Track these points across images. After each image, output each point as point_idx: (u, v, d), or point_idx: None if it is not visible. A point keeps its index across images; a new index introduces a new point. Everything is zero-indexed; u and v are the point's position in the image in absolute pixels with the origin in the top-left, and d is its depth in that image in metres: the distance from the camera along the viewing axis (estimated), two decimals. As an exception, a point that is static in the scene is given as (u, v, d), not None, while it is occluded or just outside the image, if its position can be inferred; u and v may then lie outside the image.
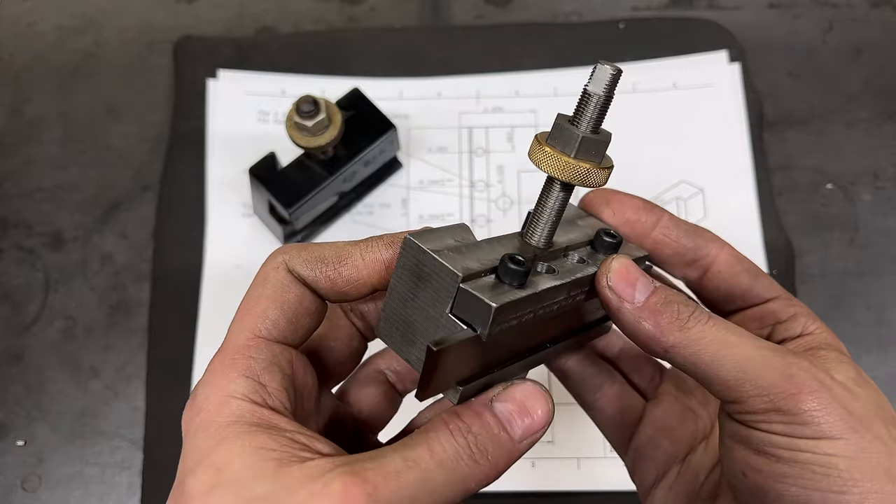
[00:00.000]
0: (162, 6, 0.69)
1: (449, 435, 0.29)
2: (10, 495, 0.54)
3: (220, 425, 0.28)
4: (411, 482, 0.28)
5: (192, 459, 0.28)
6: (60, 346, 0.58)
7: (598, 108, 0.31)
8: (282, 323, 0.31)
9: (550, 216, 0.33)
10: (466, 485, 0.29)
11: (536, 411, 0.30)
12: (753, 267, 0.38)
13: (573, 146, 0.31)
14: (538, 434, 0.30)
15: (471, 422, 0.30)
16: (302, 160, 0.57)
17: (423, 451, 0.29)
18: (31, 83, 0.66)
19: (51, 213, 0.62)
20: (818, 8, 0.68)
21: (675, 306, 0.32)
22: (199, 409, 0.29)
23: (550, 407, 0.31)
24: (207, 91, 0.65)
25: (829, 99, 0.65)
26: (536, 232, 0.33)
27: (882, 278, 0.59)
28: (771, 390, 0.30)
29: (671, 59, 0.65)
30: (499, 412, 0.30)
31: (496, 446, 0.29)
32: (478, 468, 0.29)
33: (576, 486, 0.54)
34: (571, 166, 0.31)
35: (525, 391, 0.31)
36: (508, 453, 0.30)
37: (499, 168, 0.63)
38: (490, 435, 0.29)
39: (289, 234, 0.59)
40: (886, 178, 0.62)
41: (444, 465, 0.28)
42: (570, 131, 0.31)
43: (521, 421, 0.30)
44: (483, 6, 0.69)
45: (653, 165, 0.62)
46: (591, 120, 0.31)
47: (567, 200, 0.33)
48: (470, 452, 0.29)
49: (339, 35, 0.68)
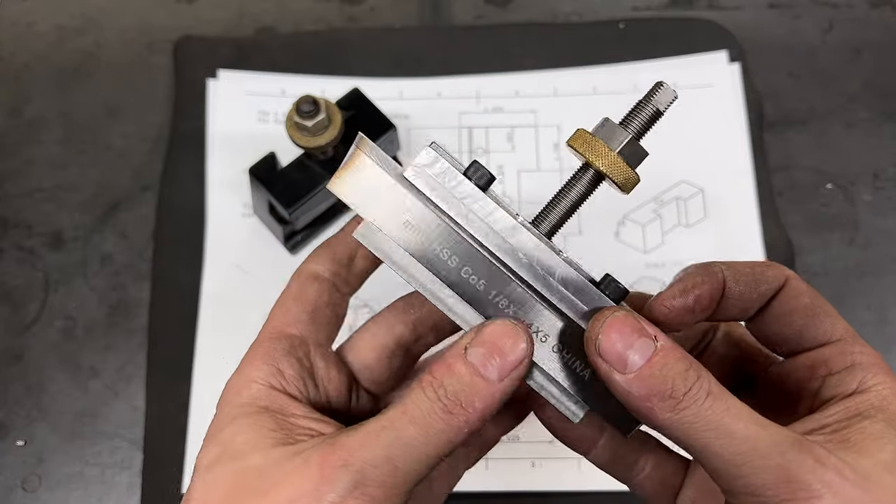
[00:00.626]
0: (162, 6, 0.69)
1: (421, 392, 0.30)
2: (10, 495, 0.54)
3: (234, 406, 0.32)
4: (385, 442, 0.29)
5: (207, 435, 0.32)
6: (60, 346, 0.58)
7: (649, 119, 0.33)
8: (303, 317, 0.35)
9: (567, 203, 0.34)
10: (446, 436, 0.30)
11: (510, 348, 0.30)
12: (814, 303, 0.34)
13: (620, 141, 0.33)
14: (517, 370, 0.30)
15: (441, 375, 0.30)
16: (302, 160, 0.57)
17: (397, 412, 0.30)
18: (31, 83, 0.66)
19: (51, 213, 0.62)
20: (818, 8, 0.68)
21: (670, 381, 0.29)
22: (225, 392, 0.33)
23: (524, 339, 0.30)
24: (207, 91, 0.65)
25: (829, 99, 0.65)
26: (548, 215, 0.34)
27: (882, 278, 0.59)
28: (763, 492, 0.28)
29: (671, 59, 0.65)
30: (471, 358, 0.30)
31: (469, 393, 0.30)
32: (453, 418, 0.29)
33: (576, 486, 0.54)
34: (612, 158, 0.32)
35: (495, 331, 0.30)
36: (487, 396, 0.30)
37: (499, 168, 0.63)
38: (462, 384, 0.30)
39: (289, 234, 0.59)
40: (886, 178, 0.62)
41: (418, 421, 0.29)
42: (620, 130, 0.33)
43: (495, 361, 0.30)
44: (483, 6, 0.69)
45: (653, 165, 0.62)
46: (640, 127, 0.33)
47: (589, 194, 0.34)
48: (442, 405, 0.30)
49: (339, 35, 0.68)
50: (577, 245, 0.59)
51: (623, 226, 0.61)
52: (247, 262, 0.60)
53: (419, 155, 0.31)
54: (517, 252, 0.32)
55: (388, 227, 0.31)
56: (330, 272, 0.36)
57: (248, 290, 0.59)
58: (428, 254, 0.32)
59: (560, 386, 0.33)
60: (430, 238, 0.31)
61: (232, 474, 0.30)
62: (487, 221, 0.32)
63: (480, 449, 0.40)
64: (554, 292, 0.32)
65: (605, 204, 0.60)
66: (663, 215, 0.61)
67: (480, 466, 0.54)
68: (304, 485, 0.28)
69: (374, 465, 0.29)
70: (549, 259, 0.32)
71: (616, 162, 0.32)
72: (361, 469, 0.29)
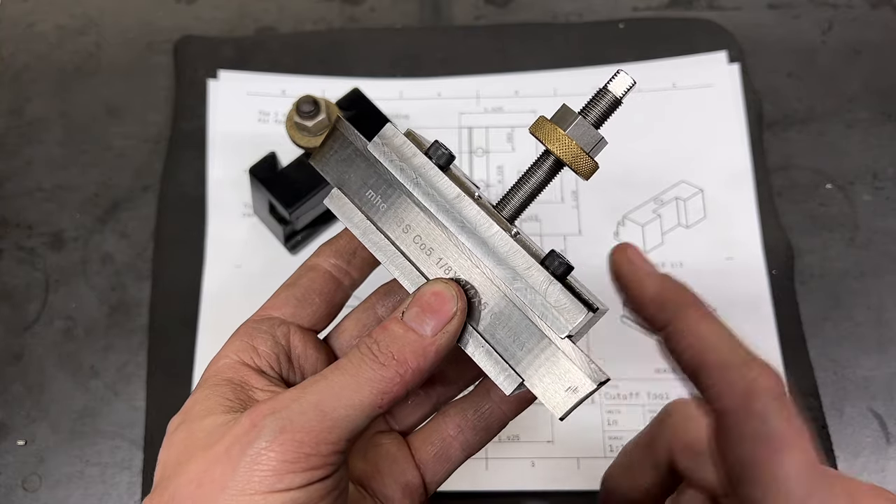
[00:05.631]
0: (162, 6, 0.69)
1: (356, 350, 0.32)
2: (11, 495, 0.54)
3: (203, 379, 0.35)
4: (314, 391, 0.31)
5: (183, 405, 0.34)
6: (61, 346, 0.58)
7: (608, 108, 0.34)
8: (291, 302, 0.37)
9: (529, 189, 0.35)
10: (378, 385, 0.31)
11: (442, 306, 0.32)
12: None
13: (578, 129, 0.34)
14: (451, 325, 0.32)
15: (377, 334, 0.33)
16: (302, 160, 0.57)
17: (330, 368, 0.32)
18: (32, 83, 0.67)
19: (51, 213, 0.62)
20: (818, 8, 0.68)
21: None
22: (206, 368, 0.35)
23: (454, 296, 0.32)
24: (208, 91, 0.65)
25: (829, 99, 0.65)
26: (511, 199, 0.35)
27: (882, 278, 0.59)
28: None
29: (671, 60, 0.66)
30: (406, 318, 0.32)
31: (402, 346, 0.32)
32: (384, 368, 0.32)
33: (576, 485, 0.54)
34: (567, 144, 0.34)
35: (427, 293, 0.33)
36: (419, 349, 0.32)
37: (499, 168, 0.63)
38: (394, 338, 0.32)
39: (289, 234, 0.59)
40: (886, 178, 0.63)
41: (348, 371, 0.32)
42: (578, 118, 0.34)
43: (428, 318, 0.32)
44: (483, 6, 0.69)
45: (652, 165, 0.62)
46: (599, 115, 0.34)
47: (550, 180, 0.35)
48: (373, 356, 0.32)
49: (340, 35, 0.68)
50: (576, 245, 0.59)
51: (623, 226, 0.61)
52: (247, 262, 0.60)
53: (382, 129, 0.34)
54: (460, 219, 0.33)
55: (351, 193, 0.35)
56: (329, 264, 0.38)
57: (248, 290, 0.59)
58: (387, 223, 0.34)
59: (495, 356, 0.33)
60: (389, 206, 0.34)
61: (185, 436, 0.33)
62: (436, 189, 0.34)
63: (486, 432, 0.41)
64: (490, 258, 0.33)
65: (605, 204, 0.61)
66: (663, 215, 0.61)
67: (480, 466, 0.54)
68: (237, 435, 0.31)
69: (301, 413, 0.31)
70: (488, 229, 0.33)
71: (573, 149, 0.34)
72: (288, 416, 0.30)
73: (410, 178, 0.34)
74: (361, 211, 0.35)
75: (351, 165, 0.35)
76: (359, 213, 0.35)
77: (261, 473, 0.30)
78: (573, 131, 0.34)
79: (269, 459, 0.30)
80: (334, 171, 0.35)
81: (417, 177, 0.34)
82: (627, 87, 0.34)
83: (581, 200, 0.61)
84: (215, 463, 0.31)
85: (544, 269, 0.33)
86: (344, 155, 0.35)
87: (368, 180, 0.35)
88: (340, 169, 0.35)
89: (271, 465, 0.30)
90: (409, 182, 0.34)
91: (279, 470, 0.30)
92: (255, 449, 0.30)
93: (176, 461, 0.32)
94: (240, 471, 0.30)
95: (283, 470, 0.30)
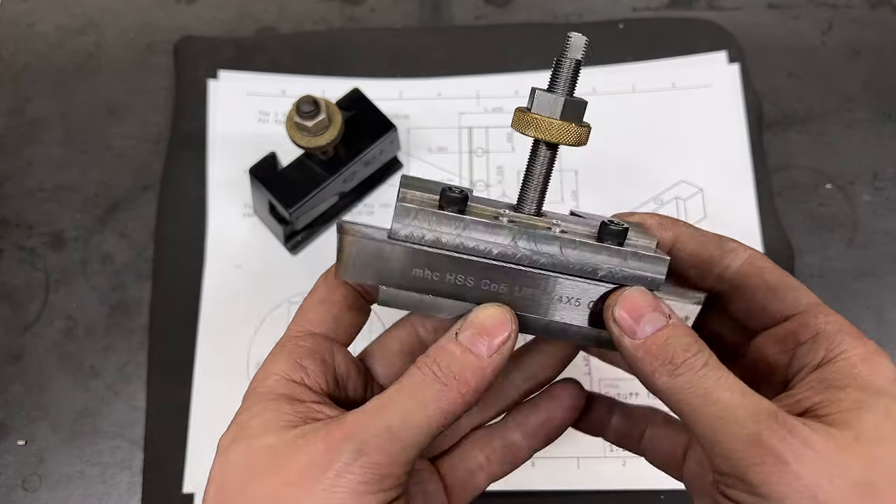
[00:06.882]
0: (162, 6, 0.69)
1: (416, 370, 0.33)
2: (11, 495, 0.54)
3: (255, 393, 0.34)
4: (384, 415, 0.32)
5: (231, 421, 0.34)
6: (61, 346, 0.58)
7: (573, 72, 0.34)
8: (328, 318, 0.37)
9: (539, 180, 0.35)
10: (441, 405, 0.32)
11: (496, 328, 0.33)
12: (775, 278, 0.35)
13: (557, 109, 0.34)
14: (505, 345, 0.33)
15: (436, 354, 0.33)
16: (302, 160, 0.57)
17: (394, 388, 0.33)
18: (32, 83, 0.67)
19: (51, 213, 0.62)
20: (817, 8, 0.68)
21: (672, 349, 0.31)
22: (251, 384, 0.35)
23: (508, 319, 0.33)
24: (208, 91, 0.65)
25: (829, 99, 0.65)
26: (527, 198, 0.36)
27: (882, 278, 0.59)
28: (733, 455, 0.29)
29: (670, 60, 0.66)
30: (462, 339, 0.33)
31: (462, 366, 0.32)
32: (447, 389, 0.32)
33: (576, 485, 0.54)
34: (556, 126, 0.33)
35: (482, 315, 0.33)
36: (478, 369, 0.33)
37: (499, 168, 0.63)
38: (453, 358, 0.33)
39: (289, 234, 0.59)
40: (886, 178, 0.63)
41: (415, 394, 0.32)
42: (551, 97, 0.34)
43: (484, 340, 0.33)
44: (483, 6, 0.69)
45: (652, 165, 0.62)
46: (567, 84, 0.34)
47: (552, 161, 0.35)
48: (435, 377, 0.32)
49: (339, 35, 0.68)
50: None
51: (623, 226, 0.61)
52: (247, 262, 0.60)
53: (395, 209, 0.33)
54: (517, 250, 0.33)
55: (395, 284, 0.34)
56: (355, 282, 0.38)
57: (248, 290, 0.59)
58: (445, 285, 0.34)
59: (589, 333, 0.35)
60: (443, 273, 0.34)
61: (247, 454, 0.32)
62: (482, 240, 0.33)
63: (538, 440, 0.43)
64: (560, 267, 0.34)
65: (604, 204, 0.61)
66: (663, 215, 0.61)
67: (480, 466, 0.54)
68: (312, 457, 0.31)
69: (375, 435, 0.31)
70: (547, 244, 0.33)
71: (560, 127, 0.34)
72: (363, 439, 0.31)
73: (451, 241, 0.33)
74: (418, 292, 0.34)
75: (380, 258, 0.33)
76: (416, 295, 0.34)
77: (340, 496, 0.30)
78: (546, 109, 0.34)
79: (348, 482, 0.30)
80: (367, 274, 0.33)
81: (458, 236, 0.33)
82: (584, 46, 0.34)
83: (581, 200, 0.61)
84: (289, 485, 0.30)
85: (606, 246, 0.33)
86: (367, 257, 0.33)
87: (409, 263, 0.33)
88: (374, 267, 0.33)
89: (351, 488, 0.30)
90: (451, 246, 0.33)
91: (358, 492, 0.30)
92: (333, 472, 0.30)
93: (239, 482, 0.32)
94: (317, 493, 0.30)
95: (362, 491, 0.30)
